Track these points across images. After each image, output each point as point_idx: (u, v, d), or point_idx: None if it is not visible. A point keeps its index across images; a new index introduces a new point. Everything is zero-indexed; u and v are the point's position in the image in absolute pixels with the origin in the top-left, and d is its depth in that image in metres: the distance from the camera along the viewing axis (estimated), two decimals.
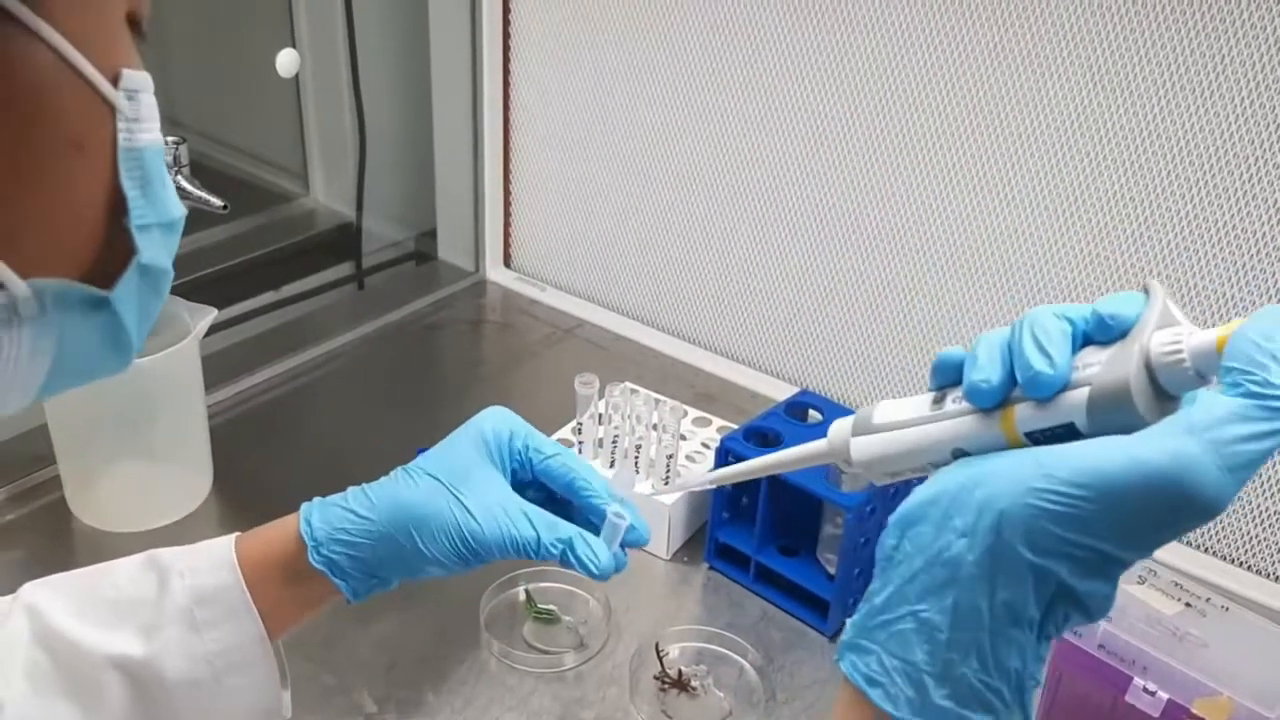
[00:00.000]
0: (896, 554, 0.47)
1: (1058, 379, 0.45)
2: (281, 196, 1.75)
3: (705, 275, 1.43)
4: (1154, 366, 0.44)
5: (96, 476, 1.11)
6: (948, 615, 0.45)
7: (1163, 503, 0.41)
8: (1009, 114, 1.13)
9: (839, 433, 0.54)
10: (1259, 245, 1.03)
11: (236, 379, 1.33)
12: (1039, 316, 0.46)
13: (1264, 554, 1.13)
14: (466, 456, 0.71)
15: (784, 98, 1.27)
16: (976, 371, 0.47)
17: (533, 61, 1.48)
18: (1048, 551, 0.43)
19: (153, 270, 0.45)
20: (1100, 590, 0.44)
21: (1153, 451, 0.41)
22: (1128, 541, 0.43)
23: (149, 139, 0.43)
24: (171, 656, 0.68)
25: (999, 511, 0.44)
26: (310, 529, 0.69)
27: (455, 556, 0.68)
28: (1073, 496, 0.42)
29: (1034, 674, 0.45)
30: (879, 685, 0.47)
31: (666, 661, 0.98)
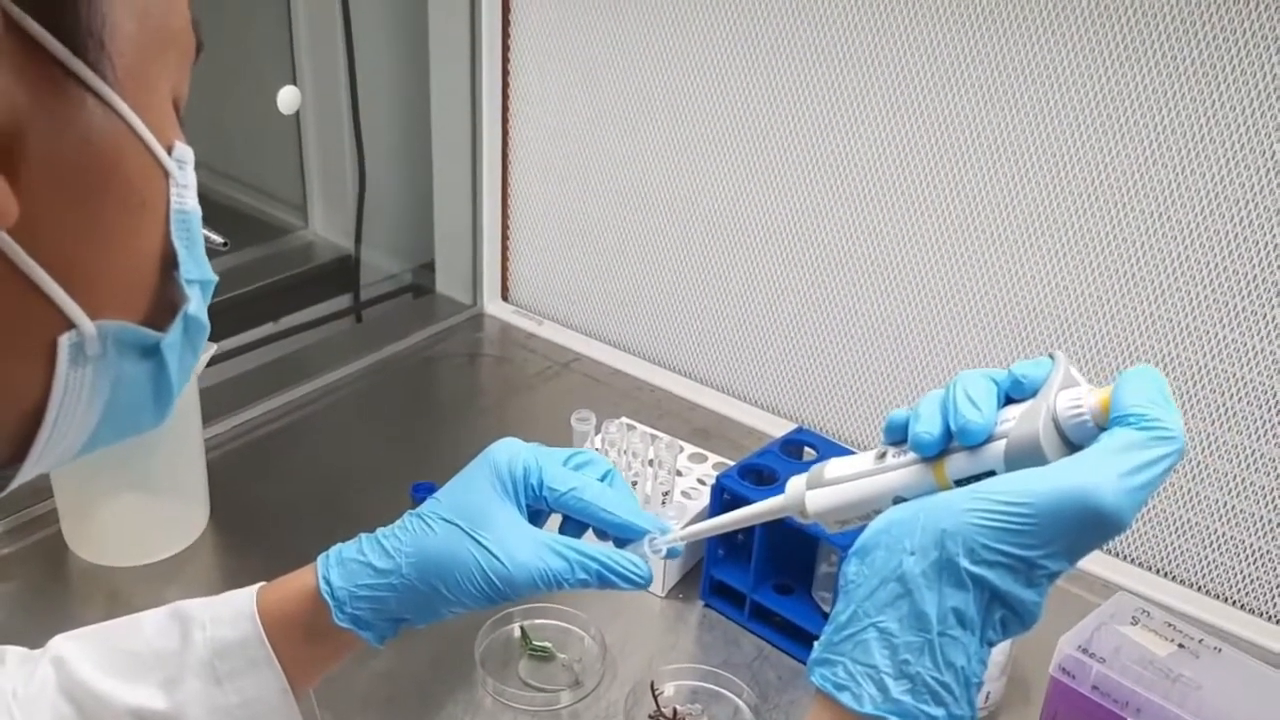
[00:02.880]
0: (856, 578, 0.54)
1: (986, 427, 0.54)
2: (281, 229, 1.76)
3: (702, 310, 1.44)
4: (1060, 422, 0.53)
5: (93, 510, 1.12)
6: (902, 622, 0.52)
7: (1076, 517, 0.49)
8: (1010, 159, 1.14)
9: (795, 488, 0.62)
10: (1252, 285, 1.04)
11: (234, 412, 1.33)
12: (969, 377, 0.56)
13: (1257, 593, 1.13)
14: (481, 495, 0.70)
15: (784, 136, 1.29)
16: (920, 425, 0.56)
17: (531, 96, 1.49)
18: (982, 561, 0.51)
19: (194, 323, 0.48)
20: (1029, 597, 0.51)
21: (1067, 475, 0.50)
22: (1050, 552, 0.50)
23: (193, 205, 0.47)
24: (194, 709, 0.69)
25: (942, 530, 0.52)
26: (330, 589, 0.69)
27: (484, 599, 0.68)
28: (1003, 512, 0.50)
29: (976, 672, 0.52)
30: (846, 689, 0.53)
31: (661, 700, 0.98)
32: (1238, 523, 1.12)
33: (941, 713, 0.51)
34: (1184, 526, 1.15)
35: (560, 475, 0.72)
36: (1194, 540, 1.15)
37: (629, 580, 0.69)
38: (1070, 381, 0.54)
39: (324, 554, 0.72)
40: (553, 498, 0.71)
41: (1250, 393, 1.07)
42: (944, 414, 0.56)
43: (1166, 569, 1.18)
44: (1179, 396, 1.11)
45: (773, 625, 1.07)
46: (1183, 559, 1.16)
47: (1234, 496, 1.11)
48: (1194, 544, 1.15)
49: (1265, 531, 1.11)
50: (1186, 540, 1.15)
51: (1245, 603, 1.14)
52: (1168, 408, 0.51)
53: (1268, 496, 1.09)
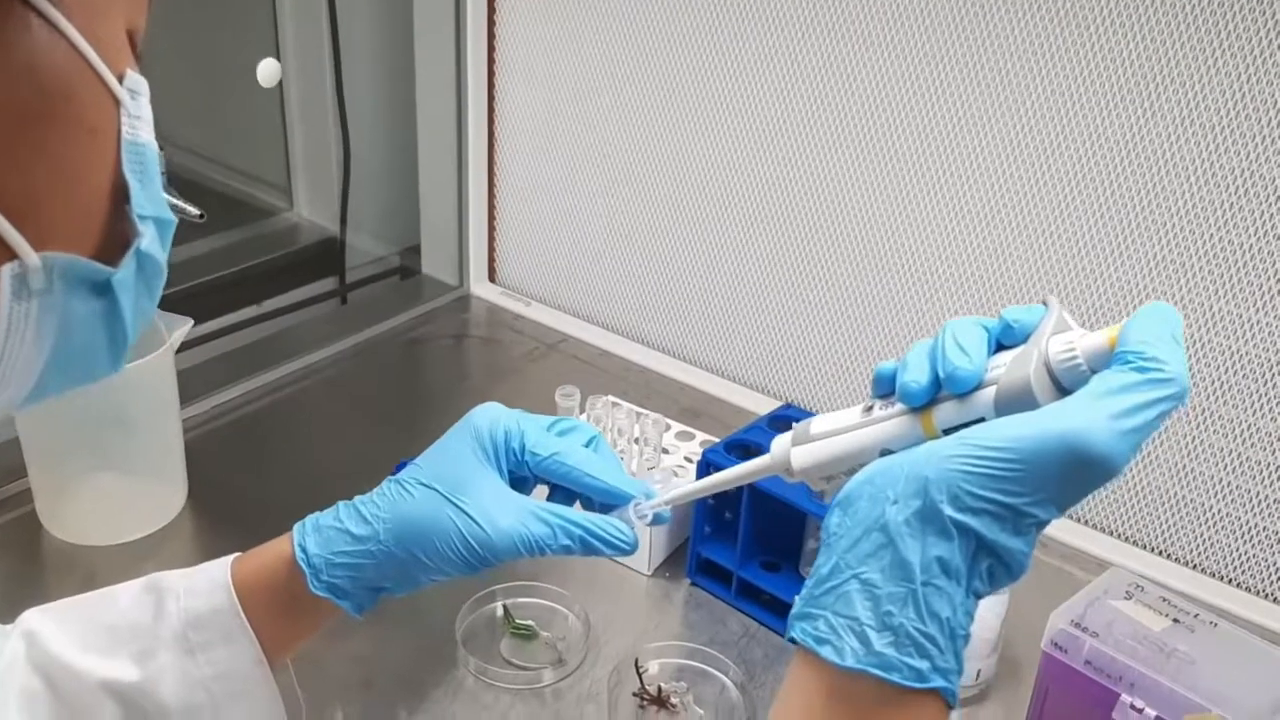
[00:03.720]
0: (838, 530, 0.52)
1: (975, 373, 0.52)
2: (265, 211, 1.74)
3: (690, 290, 1.42)
4: (1052, 367, 0.51)
5: (68, 489, 1.10)
6: (885, 573, 0.50)
7: (1063, 462, 0.47)
8: (998, 134, 1.12)
9: (780, 446, 0.60)
10: (1248, 257, 1.02)
11: (214, 392, 1.31)
12: (958, 324, 0.54)
13: (1255, 571, 1.11)
14: (462, 460, 0.68)
15: (770, 116, 1.27)
16: (907, 374, 0.54)
17: (517, 77, 1.47)
18: (967, 509, 0.49)
19: (149, 262, 0.47)
20: (1016, 546, 0.49)
21: (1054, 418, 0.48)
22: (1038, 499, 0.48)
23: (148, 137, 0.46)
24: (167, 681, 0.67)
25: (925, 477, 0.49)
26: (306, 556, 0.67)
27: (464, 566, 0.66)
28: (987, 458, 0.48)
29: (962, 624, 0.50)
30: (827, 643, 0.50)
31: (646, 678, 0.96)
32: (1235, 500, 1.10)
33: (925, 665, 0.49)
34: (1180, 504, 1.13)
35: (543, 440, 0.70)
36: (1191, 518, 1.13)
37: (613, 545, 0.67)
38: (1064, 326, 0.52)
39: (300, 522, 0.70)
40: (535, 462, 0.69)
41: (1247, 366, 1.05)
42: (932, 362, 0.53)
43: (1162, 547, 1.16)
44: None
45: (760, 603, 1.05)
46: (1179, 537, 1.14)
47: (1231, 473, 1.09)
48: (1191, 521, 1.13)
49: (1263, 509, 1.09)
50: (1183, 518, 1.13)
51: (1243, 581, 1.12)
52: (1169, 347, 0.49)
53: (1266, 473, 1.07)
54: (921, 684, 0.49)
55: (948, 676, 0.49)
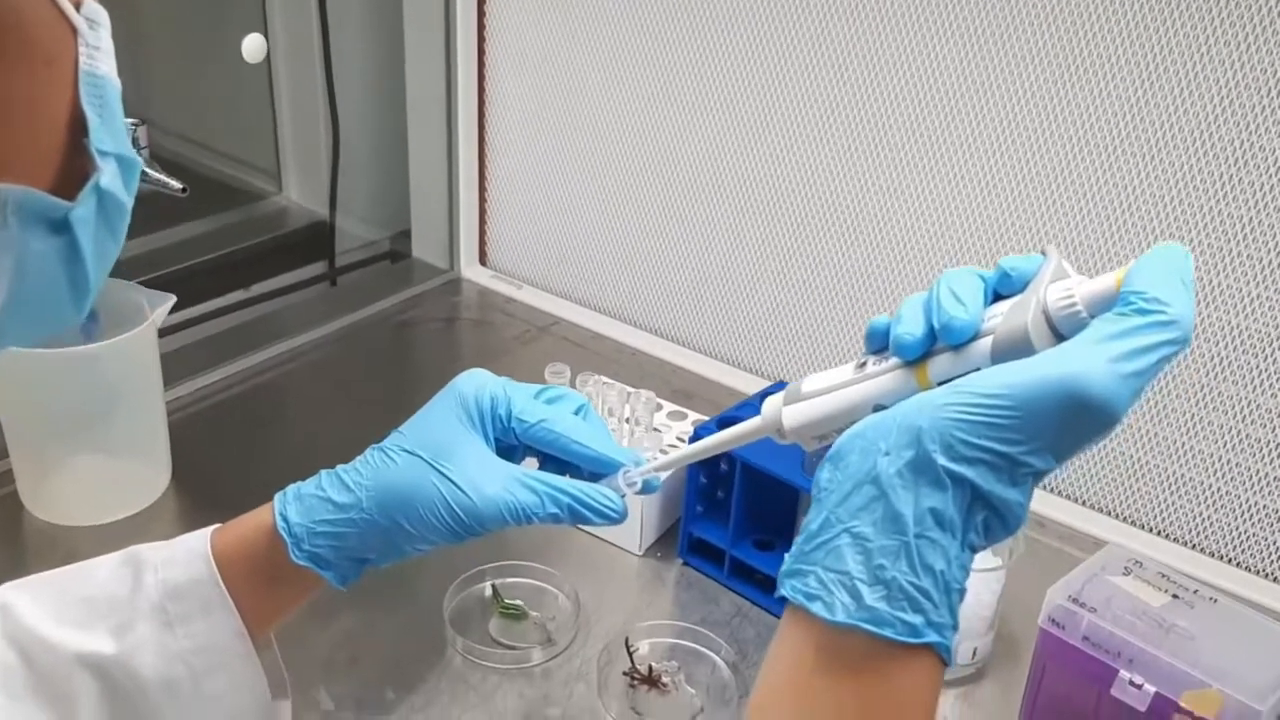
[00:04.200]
0: (829, 485, 0.50)
1: (971, 323, 0.50)
2: (254, 195, 1.72)
3: (683, 272, 1.40)
4: (1051, 315, 0.49)
5: (50, 470, 1.08)
6: (877, 526, 0.48)
7: (1061, 408, 0.46)
8: (986, 109, 1.10)
9: (771, 406, 0.58)
10: (1247, 230, 1.01)
11: (200, 374, 1.29)
12: (954, 274, 0.52)
13: (1255, 550, 1.09)
14: (446, 426, 0.66)
15: (760, 95, 1.25)
16: (901, 326, 0.52)
17: (508, 59, 1.45)
18: (961, 458, 0.47)
19: (111, 201, 0.45)
20: (1012, 497, 0.48)
21: (1051, 363, 0.47)
22: (1034, 448, 0.47)
23: (108, 70, 0.45)
24: (145, 655, 0.65)
25: (918, 428, 0.48)
26: (288, 525, 0.66)
27: (449, 534, 0.65)
28: (982, 405, 0.47)
29: (957, 578, 0.48)
30: (817, 599, 0.49)
31: (636, 657, 0.94)
32: (1235, 478, 1.08)
33: (919, 620, 0.47)
34: (1179, 482, 1.12)
35: (530, 407, 0.68)
36: (1189, 497, 1.11)
37: (602, 514, 0.66)
38: (1062, 275, 0.50)
39: (281, 491, 0.68)
40: (522, 429, 0.67)
41: (1247, 342, 1.04)
42: (927, 313, 0.52)
43: (1161, 527, 1.14)
44: None
45: (753, 582, 1.03)
46: (1178, 516, 1.13)
47: (1231, 450, 1.08)
48: (1189, 500, 1.12)
49: (1264, 486, 1.07)
50: (1181, 497, 1.12)
51: (1243, 560, 1.10)
52: (1174, 288, 0.47)
53: (1266, 450, 1.06)
54: (915, 639, 0.47)
55: (942, 632, 0.48)
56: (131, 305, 1.05)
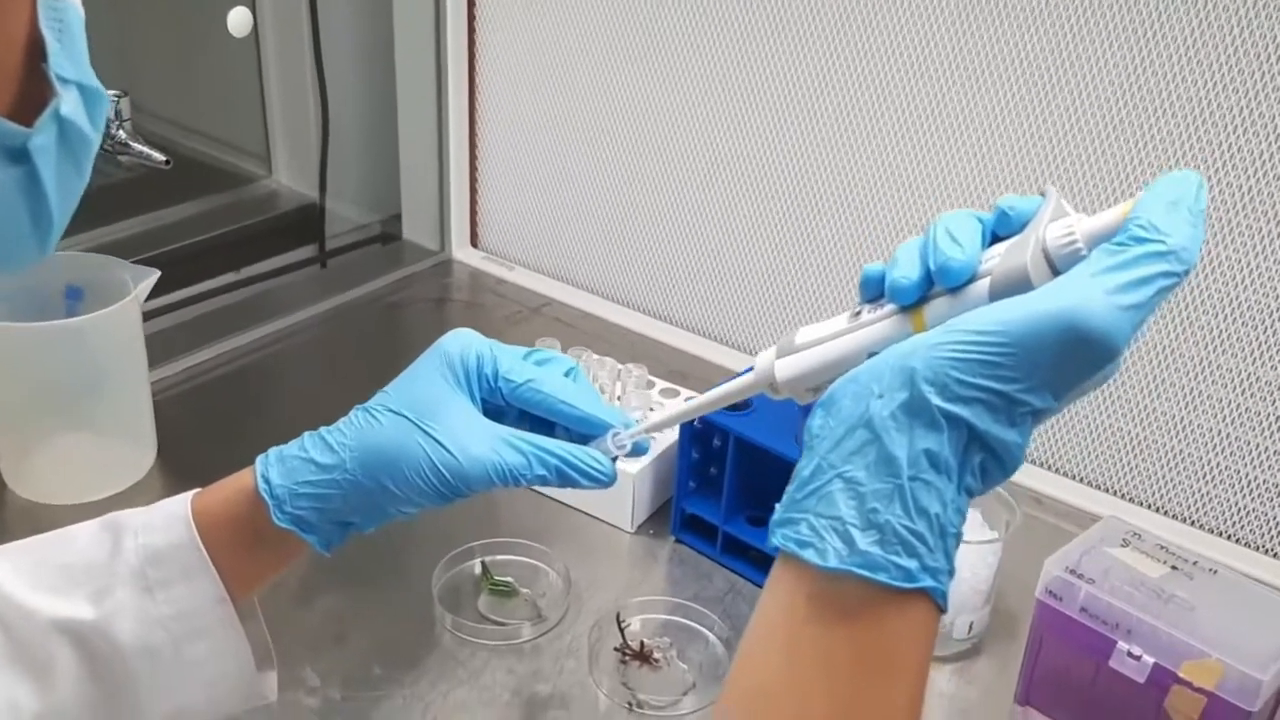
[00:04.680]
0: (821, 431, 0.49)
1: (968, 264, 0.49)
2: (244, 178, 1.71)
3: (675, 251, 1.38)
4: (1051, 253, 0.48)
5: (33, 449, 1.06)
6: (870, 469, 0.47)
7: (1058, 342, 0.44)
8: (983, 82, 1.09)
9: (764, 360, 0.57)
10: (1247, 200, 0.99)
11: (187, 353, 1.28)
12: (951, 215, 0.51)
13: (1254, 526, 1.08)
14: (432, 385, 0.65)
15: (751, 73, 1.23)
16: (896, 270, 0.51)
17: (498, 40, 1.44)
18: (956, 398, 0.46)
19: (73, 131, 0.44)
20: (1010, 438, 0.46)
21: (1046, 297, 0.45)
22: (1031, 385, 0.45)
23: None
24: (124, 620, 0.63)
25: (911, 368, 0.46)
26: (270, 486, 0.64)
27: (435, 496, 0.63)
28: (976, 343, 0.45)
29: (953, 522, 0.47)
30: (809, 545, 0.47)
31: (628, 633, 0.93)
32: (1234, 452, 1.07)
33: (914, 564, 0.46)
34: (1177, 458, 1.10)
35: (518, 367, 0.66)
36: (1187, 472, 1.10)
37: (590, 476, 0.64)
38: (1062, 214, 0.49)
39: (263, 454, 0.66)
40: (509, 389, 0.66)
41: (1247, 314, 1.02)
42: (923, 256, 0.50)
43: (1158, 503, 1.13)
44: (1170, 320, 1.06)
45: (747, 559, 1.02)
46: (1176, 492, 1.11)
47: (1230, 424, 1.06)
48: (1187, 476, 1.10)
49: (1263, 461, 1.06)
50: (1179, 472, 1.11)
51: (1241, 536, 1.09)
52: (1176, 217, 0.45)
53: (1266, 424, 1.04)
54: (909, 584, 0.46)
55: (937, 576, 0.47)
56: (116, 282, 1.04)
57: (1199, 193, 0.46)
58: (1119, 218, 0.46)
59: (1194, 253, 0.45)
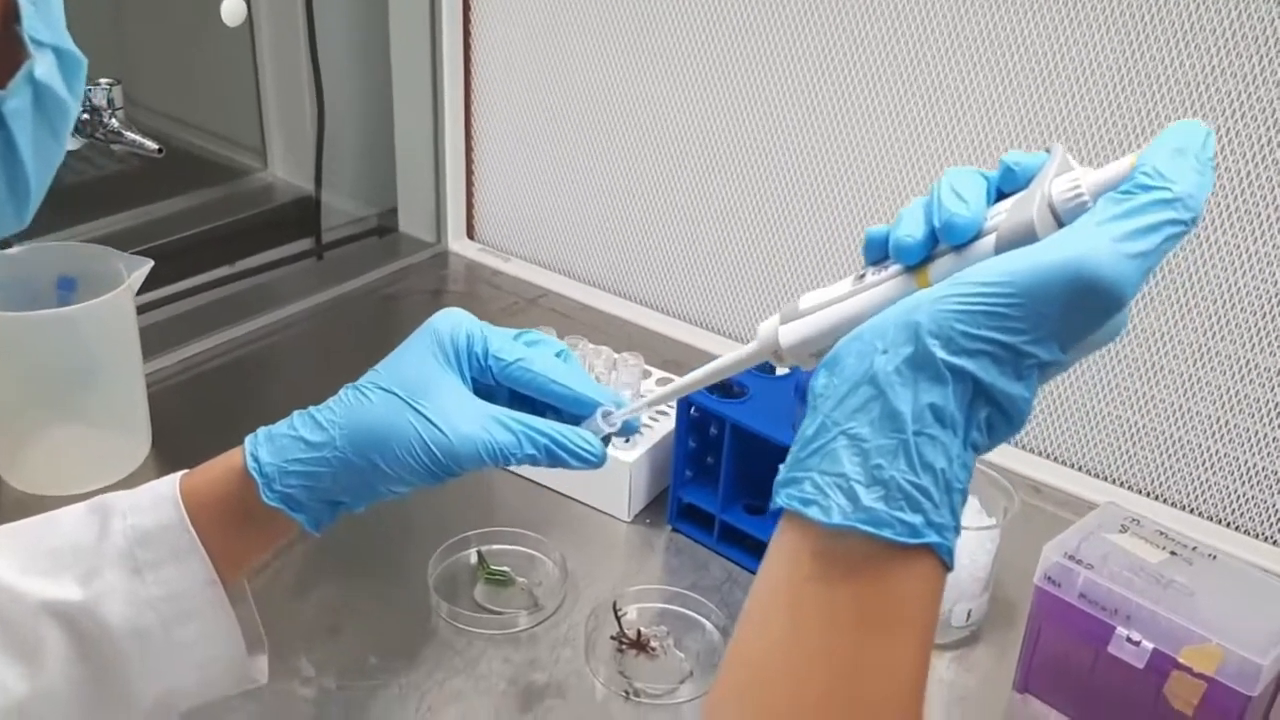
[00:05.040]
0: (825, 390, 0.48)
1: (973, 221, 0.48)
2: (240, 171, 1.70)
3: (671, 242, 1.38)
4: (1057, 207, 0.47)
5: (27, 440, 1.06)
6: (874, 425, 0.46)
7: (1065, 291, 0.44)
8: (976, 67, 1.08)
9: (767, 327, 0.55)
10: (1246, 183, 0.99)
11: (182, 345, 1.28)
12: (955, 171, 0.50)
13: (1253, 513, 1.08)
14: (422, 364, 0.64)
15: (747, 63, 1.23)
16: (900, 228, 0.50)
17: (493, 33, 1.43)
18: (962, 350, 0.45)
19: (49, 95, 0.43)
20: (1016, 391, 0.46)
21: (1052, 247, 0.45)
22: (1037, 336, 0.45)
23: None
24: (112, 602, 0.63)
25: (916, 323, 0.46)
26: (259, 465, 0.63)
27: (425, 474, 0.62)
28: (982, 295, 0.45)
29: (959, 478, 0.46)
30: (813, 503, 0.46)
31: (624, 622, 0.92)
32: (1233, 439, 1.07)
33: (919, 519, 0.45)
34: (1175, 444, 1.10)
35: (508, 346, 0.66)
36: (1185, 459, 1.10)
37: (579, 456, 0.63)
38: (1068, 168, 0.48)
39: (252, 434, 0.66)
40: (499, 368, 0.65)
41: (1245, 300, 1.02)
42: (927, 214, 0.50)
43: (1156, 490, 1.12)
44: (1168, 306, 1.06)
45: (744, 547, 1.01)
46: (1174, 479, 1.11)
47: (1228, 411, 1.06)
48: (1185, 463, 1.10)
49: (1262, 448, 1.05)
50: (1177, 459, 1.10)
51: (1241, 524, 1.09)
52: (1182, 164, 0.44)
53: (1265, 410, 1.04)
54: (914, 539, 0.45)
55: (943, 532, 0.46)
56: (109, 272, 1.04)
57: (1206, 140, 0.45)
58: (1126, 169, 0.46)
59: (1200, 200, 0.45)
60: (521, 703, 0.87)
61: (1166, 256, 0.45)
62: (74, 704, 0.63)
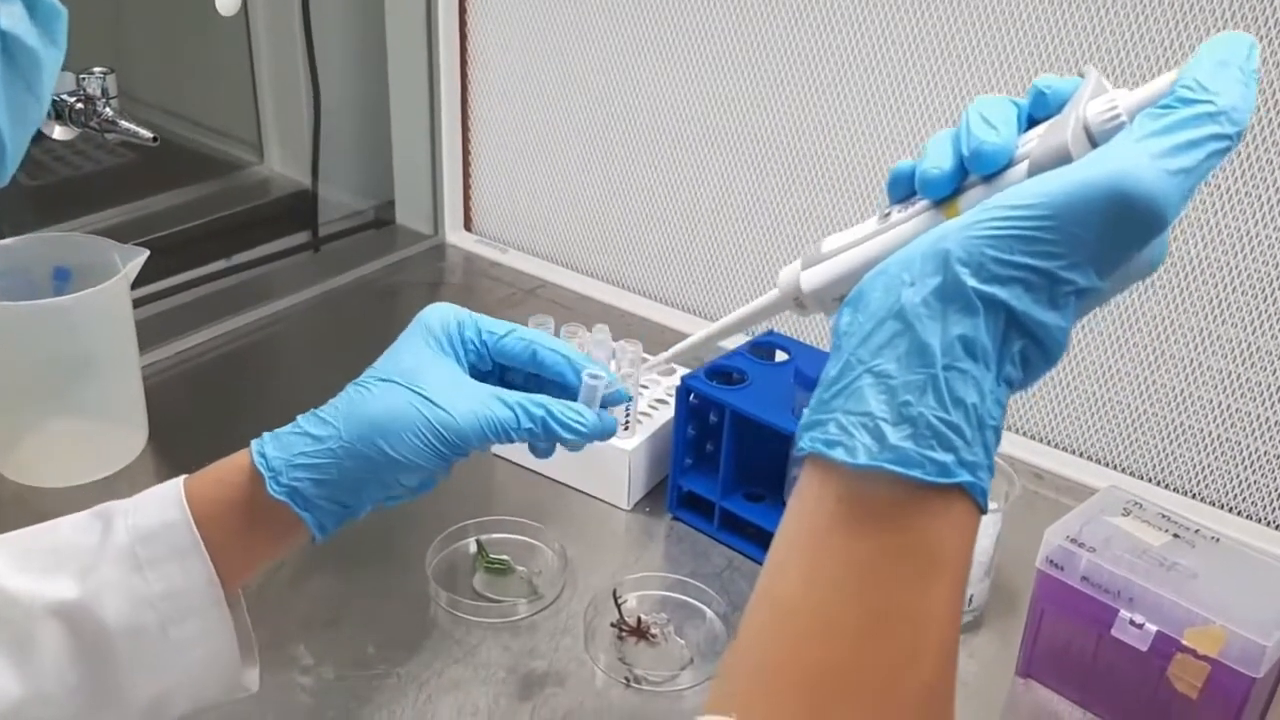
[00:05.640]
0: (849, 328, 0.46)
1: (1003, 148, 0.46)
2: (236, 165, 1.69)
3: (669, 232, 1.37)
4: (1092, 130, 0.44)
5: (23, 433, 1.05)
6: (901, 361, 0.44)
7: (1103, 210, 0.41)
8: (968, 50, 1.08)
9: (788, 273, 0.53)
10: (1249, 167, 0.98)
11: (179, 337, 1.27)
12: (984, 99, 0.47)
13: (1255, 498, 1.07)
14: (418, 354, 0.65)
15: (743, 52, 1.22)
16: (926, 160, 0.47)
17: (490, 23, 1.43)
18: (994, 278, 0.43)
19: (20, 49, 0.42)
20: (1051, 320, 0.43)
21: (1089, 164, 0.42)
22: (1073, 261, 0.42)
23: None
24: (111, 598, 0.62)
25: (944, 251, 0.43)
26: (265, 459, 0.63)
27: (431, 455, 0.63)
28: (1014, 218, 0.42)
29: (992, 414, 0.44)
30: (838, 444, 0.44)
31: (625, 609, 0.92)
32: (1234, 424, 1.06)
33: (950, 458, 0.43)
34: (1177, 430, 1.09)
35: (499, 323, 0.67)
36: (1187, 444, 1.09)
37: (570, 428, 0.64)
38: (1102, 91, 0.46)
39: (257, 437, 0.66)
40: (493, 341, 0.67)
41: (1246, 283, 1.01)
42: (955, 145, 0.47)
43: (1160, 476, 1.12)
44: (1169, 291, 1.05)
45: (744, 535, 1.01)
46: (1176, 464, 1.10)
47: (1230, 395, 1.05)
48: (1187, 448, 1.09)
49: (1263, 432, 1.05)
50: (1180, 444, 1.10)
51: (1243, 508, 1.08)
52: (1226, 77, 0.42)
53: (1266, 394, 1.04)
54: (945, 479, 0.43)
55: (976, 471, 0.43)
56: (105, 263, 1.03)
57: (1251, 52, 0.43)
58: (1165, 86, 0.43)
59: (1245, 114, 0.42)
60: (521, 691, 0.86)
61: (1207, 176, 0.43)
62: (68, 707, 0.62)
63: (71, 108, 1.05)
